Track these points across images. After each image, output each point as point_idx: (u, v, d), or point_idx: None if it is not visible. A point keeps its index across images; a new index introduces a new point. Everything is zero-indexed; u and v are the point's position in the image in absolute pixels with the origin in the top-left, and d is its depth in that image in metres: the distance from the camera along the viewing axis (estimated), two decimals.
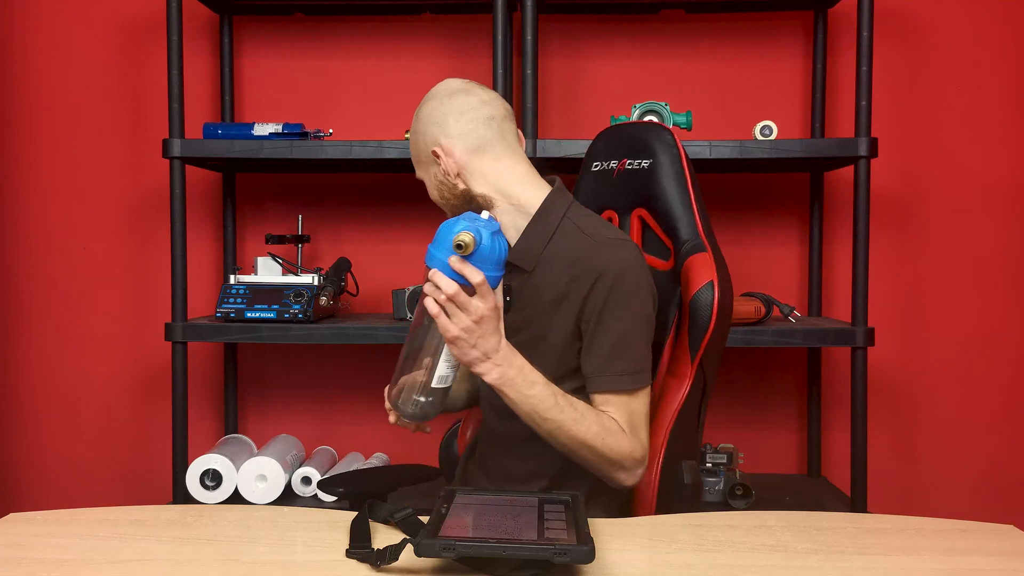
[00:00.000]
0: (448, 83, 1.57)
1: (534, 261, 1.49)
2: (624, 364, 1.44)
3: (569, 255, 1.47)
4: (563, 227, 1.50)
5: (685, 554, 1.19)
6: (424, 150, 1.54)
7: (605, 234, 1.47)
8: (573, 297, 1.46)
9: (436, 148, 1.52)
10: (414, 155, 1.59)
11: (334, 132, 2.44)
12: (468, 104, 1.53)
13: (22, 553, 1.18)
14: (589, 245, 1.46)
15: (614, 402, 1.44)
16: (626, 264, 1.44)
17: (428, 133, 1.53)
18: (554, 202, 1.52)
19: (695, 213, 1.58)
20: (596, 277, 1.43)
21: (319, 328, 2.22)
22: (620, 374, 1.44)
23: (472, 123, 1.52)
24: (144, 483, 2.66)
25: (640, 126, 1.70)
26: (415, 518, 1.24)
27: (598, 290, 1.43)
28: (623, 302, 1.43)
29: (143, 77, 2.61)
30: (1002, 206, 2.57)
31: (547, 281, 1.48)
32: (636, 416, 1.45)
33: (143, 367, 2.66)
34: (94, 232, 2.65)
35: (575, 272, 1.45)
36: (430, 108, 1.54)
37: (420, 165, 1.58)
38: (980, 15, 2.54)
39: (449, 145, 1.51)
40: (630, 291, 1.44)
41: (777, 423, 2.63)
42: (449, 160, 1.51)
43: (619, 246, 1.46)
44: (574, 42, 2.60)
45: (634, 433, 1.44)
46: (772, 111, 2.54)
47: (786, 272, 2.60)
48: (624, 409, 1.44)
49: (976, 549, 1.21)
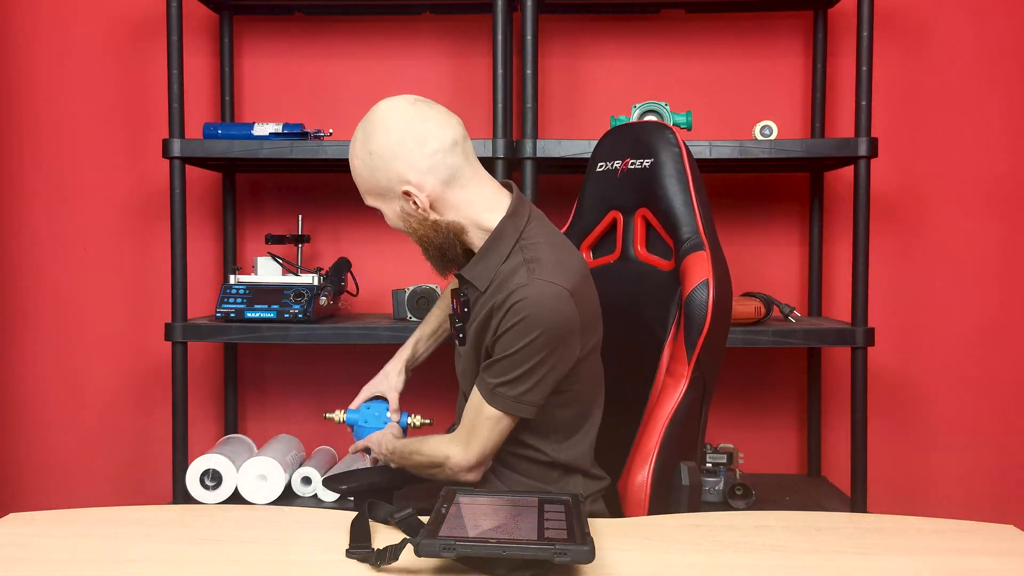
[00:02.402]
0: (396, 108, 1.48)
1: (486, 282, 1.50)
2: (499, 380, 1.45)
3: (507, 281, 1.46)
4: (513, 254, 1.48)
5: (685, 554, 1.19)
6: (386, 185, 1.47)
7: (537, 273, 1.44)
8: (493, 320, 1.46)
9: (407, 187, 1.45)
10: (367, 186, 1.50)
11: (334, 132, 2.44)
12: (429, 132, 1.45)
13: (22, 553, 1.18)
14: (522, 279, 1.44)
15: (471, 402, 1.50)
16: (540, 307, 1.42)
17: (391, 170, 1.46)
18: (505, 228, 1.49)
19: (696, 212, 1.58)
20: (511, 305, 1.42)
21: (319, 328, 2.22)
22: (488, 381, 1.46)
23: (440, 154, 1.46)
24: (144, 483, 2.66)
25: (643, 126, 1.70)
26: (415, 518, 1.24)
27: (508, 317, 1.43)
28: (520, 338, 1.42)
29: (143, 77, 2.61)
30: (1002, 206, 2.57)
31: (489, 300, 1.49)
32: (481, 422, 1.48)
33: (143, 367, 2.66)
34: (94, 232, 2.65)
35: (500, 297, 1.45)
36: (388, 141, 1.45)
37: (379, 198, 1.51)
38: (980, 15, 2.54)
39: (420, 181, 1.45)
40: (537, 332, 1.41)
41: (777, 423, 2.63)
42: (422, 195, 1.46)
43: (538, 288, 1.42)
44: (574, 42, 2.60)
45: (465, 438, 1.50)
46: (772, 111, 2.54)
47: (786, 272, 2.60)
48: (474, 412, 1.49)
49: (976, 549, 1.21)
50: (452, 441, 1.52)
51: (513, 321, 1.42)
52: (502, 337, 1.44)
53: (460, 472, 1.50)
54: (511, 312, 1.42)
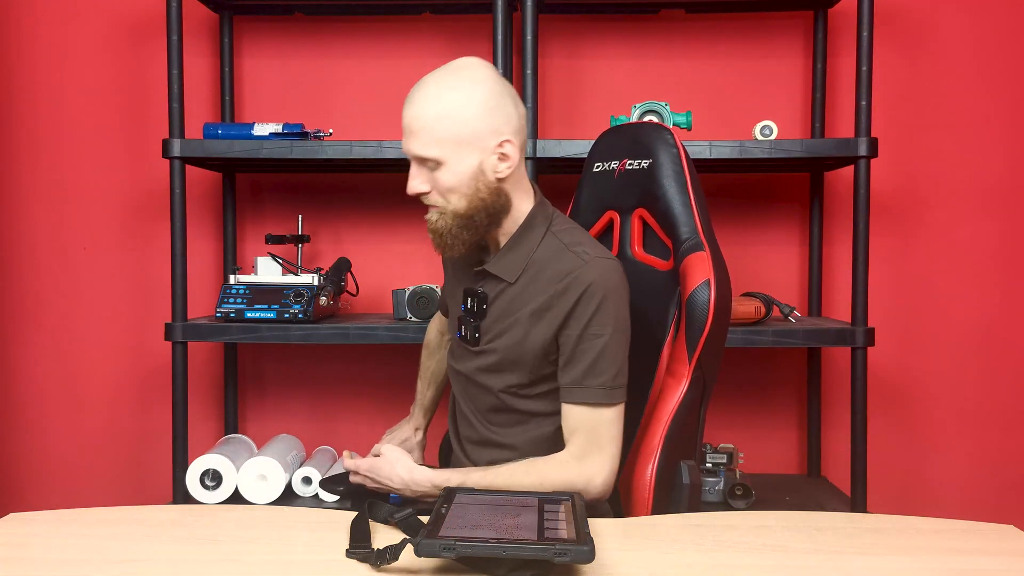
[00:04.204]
0: (486, 65, 1.46)
1: (516, 273, 1.50)
2: (601, 379, 1.45)
3: (555, 269, 1.47)
4: (546, 241, 1.50)
5: (685, 554, 1.19)
6: (479, 135, 1.42)
7: (591, 251, 1.48)
8: (556, 310, 1.46)
9: (506, 139, 1.43)
10: (449, 133, 1.41)
11: (334, 132, 2.44)
12: (516, 97, 1.47)
13: (22, 553, 1.18)
14: (575, 261, 1.46)
15: (579, 416, 1.45)
16: (612, 281, 1.45)
17: (493, 120, 1.42)
18: (536, 216, 1.51)
19: (695, 213, 1.58)
20: (582, 292, 1.43)
21: (319, 328, 2.22)
22: (595, 388, 1.45)
23: (521, 120, 1.48)
24: (144, 483, 2.66)
25: (640, 126, 1.70)
26: (415, 518, 1.24)
27: (583, 305, 1.44)
28: (607, 319, 1.44)
29: (143, 77, 2.61)
30: (1002, 205, 2.57)
31: (530, 293, 1.49)
32: (602, 429, 1.45)
33: (143, 367, 2.66)
34: (94, 232, 2.65)
35: (561, 286, 1.45)
36: (490, 92, 1.42)
37: (456, 148, 1.42)
38: (980, 15, 2.54)
39: (514, 139, 1.45)
40: (614, 308, 1.45)
41: (777, 423, 2.63)
42: (515, 153, 1.45)
43: (605, 263, 1.46)
44: (574, 42, 2.60)
45: (594, 449, 1.45)
46: (772, 111, 2.54)
47: (786, 272, 2.60)
48: (589, 422, 1.45)
49: (976, 549, 1.21)
50: (580, 461, 1.44)
51: (591, 308, 1.43)
52: (589, 326, 1.43)
53: (607, 490, 1.45)
54: (585, 298, 1.43)
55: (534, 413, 1.54)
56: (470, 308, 1.55)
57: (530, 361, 1.50)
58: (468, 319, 1.55)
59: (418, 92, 1.45)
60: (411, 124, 1.44)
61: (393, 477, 1.46)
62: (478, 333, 1.54)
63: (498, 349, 1.52)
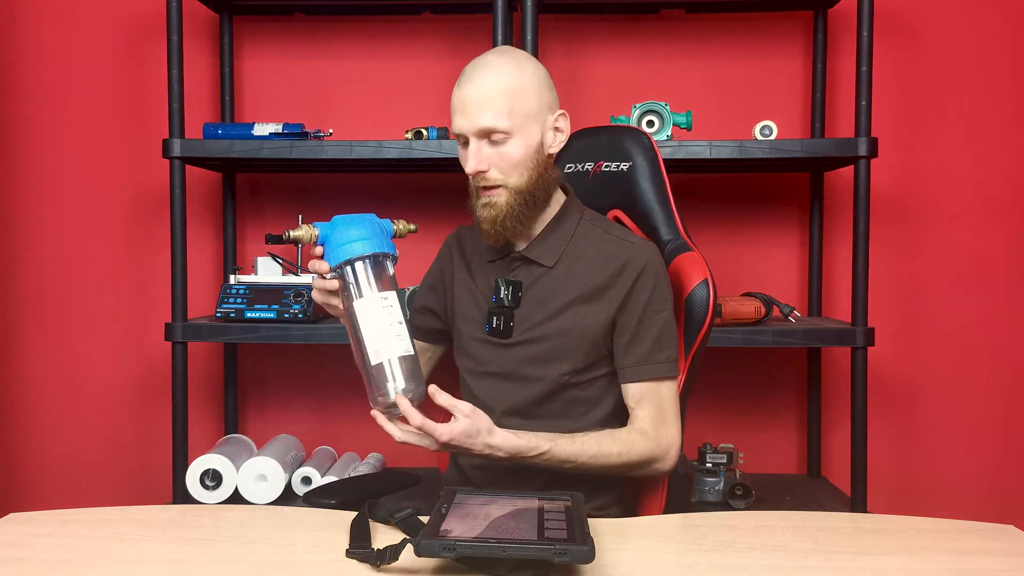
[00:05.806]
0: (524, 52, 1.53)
1: (555, 258, 1.52)
2: (666, 353, 1.50)
3: (600, 253, 1.51)
4: (582, 229, 1.54)
5: (685, 554, 1.19)
6: (544, 107, 1.49)
7: (631, 237, 1.54)
8: (614, 291, 1.49)
9: (561, 114, 1.51)
10: (521, 105, 1.44)
11: (334, 132, 2.44)
12: None
13: (22, 553, 1.18)
14: (621, 244, 1.51)
15: (645, 391, 1.49)
16: (660, 263, 1.53)
17: (550, 95, 1.51)
18: (571, 206, 1.56)
19: (675, 214, 1.65)
20: (639, 272, 1.48)
21: (319, 328, 2.22)
22: (662, 363, 1.49)
23: None
24: (144, 483, 2.66)
25: (616, 129, 1.75)
26: (415, 518, 1.24)
27: (642, 284, 1.49)
28: (664, 295, 1.51)
29: (143, 77, 2.61)
30: (1002, 206, 2.57)
31: (575, 277, 1.51)
32: (667, 402, 1.50)
33: (143, 367, 2.66)
34: (94, 232, 2.65)
35: (614, 268, 1.49)
36: (542, 69, 1.50)
37: (525, 119, 1.46)
38: (980, 15, 2.54)
39: (566, 116, 1.53)
40: (666, 286, 1.52)
41: (777, 423, 2.63)
42: (565, 133, 1.53)
43: (649, 245, 1.53)
44: (574, 42, 2.60)
45: (664, 420, 1.49)
46: (772, 111, 2.54)
47: (786, 272, 2.60)
48: (655, 397, 1.49)
49: (976, 549, 1.21)
50: (656, 432, 1.47)
51: (649, 286, 1.48)
52: (650, 304, 1.49)
53: (676, 462, 1.51)
54: (643, 277, 1.48)
55: (584, 401, 1.53)
56: (503, 298, 1.52)
57: (585, 346, 1.50)
58: (501, 309, 1.52)
59: (482, 69, 1.46)
60: (481, 97, 1.44)
61: (477, 444, 1.36)
62: (512, 322, 1.51)
63: (547, 336, 1.50)
